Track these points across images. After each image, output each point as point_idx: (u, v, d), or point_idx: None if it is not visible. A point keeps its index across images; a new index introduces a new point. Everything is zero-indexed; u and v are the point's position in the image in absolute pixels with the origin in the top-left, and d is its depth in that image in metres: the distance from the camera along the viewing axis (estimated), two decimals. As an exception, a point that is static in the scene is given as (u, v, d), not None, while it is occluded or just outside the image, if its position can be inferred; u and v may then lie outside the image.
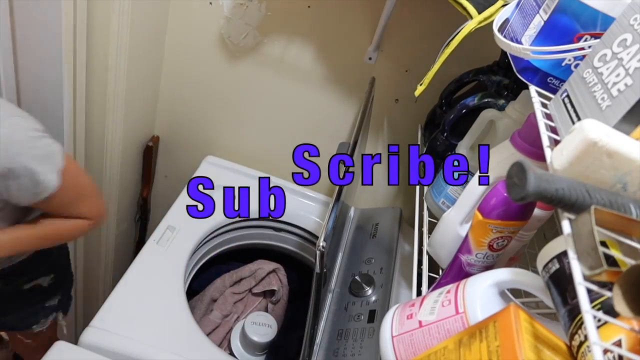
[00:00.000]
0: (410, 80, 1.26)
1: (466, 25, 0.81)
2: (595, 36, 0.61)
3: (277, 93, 1.36)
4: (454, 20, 0.84)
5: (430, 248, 0.90)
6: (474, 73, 1.02)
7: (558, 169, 0.48)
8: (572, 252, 0.42)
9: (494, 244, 0.71)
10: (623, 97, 0.49)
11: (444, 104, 1.09)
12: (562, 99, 0.58)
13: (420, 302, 0.67)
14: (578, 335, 0.48)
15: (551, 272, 0.54)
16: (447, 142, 1.01)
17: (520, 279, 0.63)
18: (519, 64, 0.69)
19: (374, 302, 1.06)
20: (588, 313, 0.39)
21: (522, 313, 0.50)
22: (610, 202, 0.44)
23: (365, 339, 0.98)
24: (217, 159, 1.46)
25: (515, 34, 0.71)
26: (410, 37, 1.22)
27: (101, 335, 0.98)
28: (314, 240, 1.36)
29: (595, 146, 0.45)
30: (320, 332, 1.02)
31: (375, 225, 1.31)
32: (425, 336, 0.63)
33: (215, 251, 1.34)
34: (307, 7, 1.23)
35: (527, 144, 0.74)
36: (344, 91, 1.32)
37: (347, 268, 1.18)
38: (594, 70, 0.54)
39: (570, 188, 0.44)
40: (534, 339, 0.48)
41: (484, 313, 0.58)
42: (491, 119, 0.89)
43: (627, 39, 0.51)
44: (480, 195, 0.79)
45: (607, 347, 0.40)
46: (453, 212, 0.84)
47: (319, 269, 0.82)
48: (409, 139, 1.34)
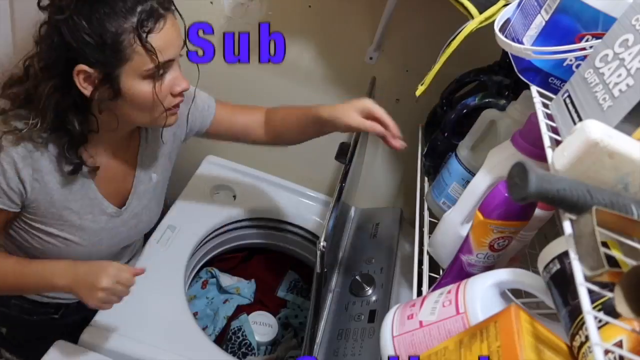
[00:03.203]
0: (411, 80, 1.25)
1: (467, 25, 0.81)
2: (596, 36, 0.61)
3: (278, 92, 1.36)
4: (455, 20, 0.84)
5: (431, 248, 0.90)
6: (475, 73, 1.02)
7: (559, 170, 0.48)
8: (573, 252, 0.42)
9: (495, 244, 0.71)
10: (624, 97, 0.49)
11: (445, 104, 1.09)
12: (563, 99, 0.58)
13: (421, 302, 0.67)
14: (579, 335, 0.48)
15: (552, 273, 0.54)
16: (447, 142, 1.01)
17: (521, 279, 0.63)
18: (520, 64, 0.69)
19: (375, 302, 1.06)
20: (589, 314, 0.39)
21: (522, 313, 0.50)
22: (611, 202, 0.43)
23: (366, 339, 0.98)
24: (218, 159, 1.46)
25: (516, 34, 0.71)
26: (411, 37, 1.22)
27: (101, 334, 0.98)
28: (314, 240, 1.36)
29: (596, 147, 0.45)
30: (320, 332, 1.02)
31: (376, 225, 1.31)
32: (425, 336, 0.63)
33: (216, 251, 1.34)
34: (307, 7, 1.23)
35: (528, 144, 0.74)
36: (345, 91, 1.32)
37: (347, 268, 1.18)
38: (595, 71, 0.54)
39: (572, 188, 0.44)
40: (535, 340, 0.48)
41: (485, 313, 0.58)
42: (492, 119, 0.88)
43: (628, 39, 0.51)
44: (481, 195, 0.79)
45: (608, 347, 0.40)
46: (454, 212, 0.84)
47: (320, 269, 0.82)
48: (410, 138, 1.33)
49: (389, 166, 1.44)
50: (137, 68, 0.77)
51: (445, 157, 1.01)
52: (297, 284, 1.45)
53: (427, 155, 1.08)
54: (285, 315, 1.36)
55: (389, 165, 1.44)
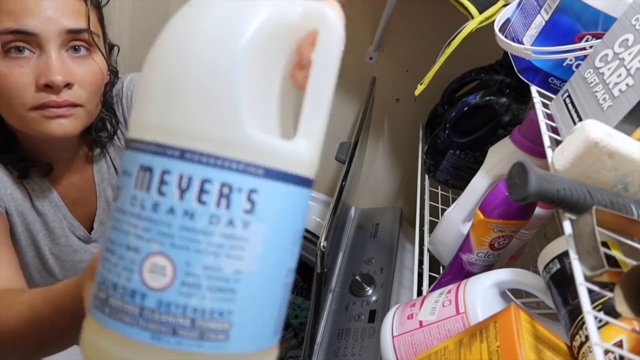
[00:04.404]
0: (411, 80, 1.25)
1: (467, 25, 0.81)
2: (596, 36, 0.61)
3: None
4: (455, 20, 0.84)
5: (432, 245, 0.90)
6: (476, 72, 1.02)
7: (559, 169, 0.48)
8: (573, 252, 0.42)
9: (495, 243, 0.71)
10: (624, 97, 0.49)
11: (446, 103, 1.09)
12: (563, 99, 0.58)
13: (421, 302, 0.67)
14: (579, 335, 0.48)
15: (552, 273, 0.54)
16: (448, 140, 1.01)
17: (521, 279, 0.63)
18: (520, 64, 0.69)
19: (375, 302, 1.06)
20: (589, 314, 0.39)
21: (522, 313, 0.50)
22: (611, 202, 0.43)
23: (366, 339, 0.98)
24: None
25: (516, 34, 0.71)
26: (411, 37, 1.22)
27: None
28: (314, 240, 1.36)
29: (596, 146, 0.45)
30: (320, 332, 1.02)
31: (376, 225, 1.30)
32: (425, 336, 0.63)
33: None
34: (307, 7, 1.23)
35: (527, 141, 0.74)
36: (345, 91, 1.32)
37: (347, 268, 1.18)
38: (595, 71, 0.54)
39: (572, 188, 0.44)
40: (535, 340, 0.48)
41: (485, 313, 0.58)
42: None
43: (628, 39, 0.51)
44: (481, 194, 0.79)
45: (608, 347, 0.40)
46: (455, 210, 0.84)
47: (320, 269, 0.82)
48: (410, 138, 1.34)
49: (389, 166, 1.44)
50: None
51: (445, 155, 1.02)
52: (297, 284, 1.45)
53: (427, 152, 1.08)
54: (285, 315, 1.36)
55: (389, 165, 1.44)
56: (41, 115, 0.67)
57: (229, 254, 0.29)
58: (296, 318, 1.36)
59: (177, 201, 0.28)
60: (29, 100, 0.65)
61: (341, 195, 0.93)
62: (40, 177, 0.79)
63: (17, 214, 0.77)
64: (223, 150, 0.28)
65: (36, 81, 0.65)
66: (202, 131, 0.29)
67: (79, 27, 0.67)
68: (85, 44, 0.69)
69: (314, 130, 0.32)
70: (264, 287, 0.30)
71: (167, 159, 0.29)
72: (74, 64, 0.68)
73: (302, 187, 0.32)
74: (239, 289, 0.29)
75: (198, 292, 0.28)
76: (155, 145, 0.29)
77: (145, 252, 0.29)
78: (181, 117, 0.29)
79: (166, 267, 0.28)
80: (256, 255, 0.29)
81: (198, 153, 0.28)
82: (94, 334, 0.31)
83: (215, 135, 0.28)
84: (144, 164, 0.29)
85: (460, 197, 0.84)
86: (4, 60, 0.64)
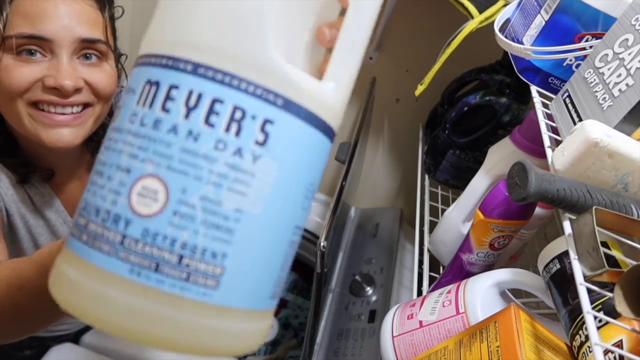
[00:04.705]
0: (411, 80, 1.25)
1: (467, 25, 0.81)
2: (596, 36, 0.61)
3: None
4: (455, 20, 0.84)
5: (432, 245, 0.90)
6: (476, 72, 1.02)
7: (559, 169, 0.48)
8: (573, 252, 0.42)
9: (495, 243, 0.71)
10: (624, 97, 0.49)
11: (446, 103, 1.09)
12: (563, 99, 0.58)
13: (421, 302, 0.67)
14: (579, 335, 0.48)
15: (552, 273, 0.54)
16: (448, 140, 1.01)
17: (521, 279, 0.63)
18: (520, 64, 0.69)
19: (375, 302, 1.06)
20: (589, 314, 0.39)
21: (522, 313, 0.50)
22: (611, 202, 0.44)
23: (366, 339, 0.98)
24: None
25: (516, 34, 0.71)
26: (411, 37, 1.22)
27: (101, 335, 0.98)
28: (314, 240, 1.36)
29: (596, 146, 0.45)
30: (320, 332, 1.02)
31: (376, 225, 1.30)
32: (425, 336, 0.63)
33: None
34: (307, 7, 1.23)
35: (527, 141, 0.74)
36: (345, 91, 1.32)
37: (347, 268, 1.18)
38: (595, 71, 0.54)
39: (572, 188, 0.44)
40: (535, 340, 0.48)
41: (485, 313, 0.58)
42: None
43: (628, 39, 0.51)
44: (481, 194, 0.79)
45: (608, 347, 0.40)
46: (455, 210, 0.84)
47: (320, 269, 0.82)
48: (410, 138, 1.34)
49: (389, 166, 1.44)
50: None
51: (445, 155, 1.02)
52: (297, 284, 1.45)
53: (427, 152, 1.08)
54: (285, 316, 1.36)
55: (389, 165, 1.44)
56: (41, 123, 0.67)
57: (231, 187, 0.25)
58: (296, 318, 1.36)
59: (182, 120, 0.25)
60: (32, 94, 0.65)
61: (341, 195, 0.93)
62: (41, 183, 0.79)
63: (19, 215, 0.77)
64: (241, 70, 0.25)
65: (43, 81, 0.65)
66: (220, 46, 0.25)
67: (93, 37, 0.68)
68: (97, 53, 0.70)
69: (343, 74, 0.29)
70: (268, 234, 0.26)
71: (177, 73, 0.25)
72: (84, 69, 0.69)
73: (322, 134, 0.28)
74: (238, 230, 0.25)
75: (191, 225, 0.24)
76: (166, 58, 0.25)
77: (137, 174, 0.25)
78: (199, 28, 0.25)
79: (158, 191, 0.24)
80: (263, 195, 0.25)
81: (213, 69, 0.24)
82: (65, 266, 0.26)
83: (235, 52, 0.25)
84: (150, 79, 0.25)
85: (460, 197, 0.84)
86: (14, 58, 0.64)
